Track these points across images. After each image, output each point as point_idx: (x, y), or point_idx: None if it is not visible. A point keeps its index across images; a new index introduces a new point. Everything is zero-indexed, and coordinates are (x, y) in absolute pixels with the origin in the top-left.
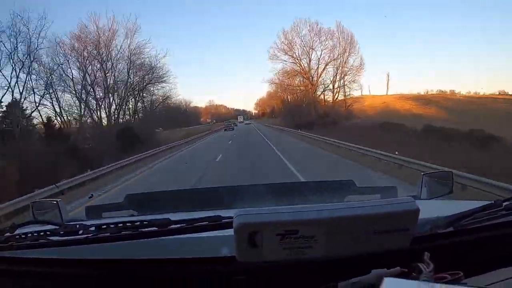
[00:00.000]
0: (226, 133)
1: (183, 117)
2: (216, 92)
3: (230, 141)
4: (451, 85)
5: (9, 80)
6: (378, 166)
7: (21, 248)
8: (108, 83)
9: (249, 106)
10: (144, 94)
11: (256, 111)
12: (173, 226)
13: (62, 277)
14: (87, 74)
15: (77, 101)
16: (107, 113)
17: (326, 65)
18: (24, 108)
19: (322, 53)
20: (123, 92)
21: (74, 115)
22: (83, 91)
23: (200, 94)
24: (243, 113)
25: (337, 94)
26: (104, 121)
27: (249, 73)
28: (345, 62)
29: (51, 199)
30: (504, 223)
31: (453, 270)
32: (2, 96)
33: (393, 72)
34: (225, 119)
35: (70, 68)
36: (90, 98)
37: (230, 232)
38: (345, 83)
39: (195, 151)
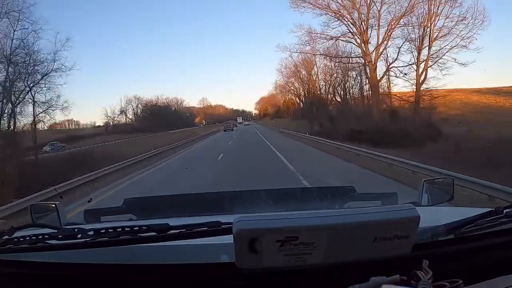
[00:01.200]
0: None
1: (173, 118)
2: (214, 92)
3: None
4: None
5: None
6: None
7: (19, 251)
8: None
9: (249, 106)
10: None
11: (257, 112)
12: (172, 231)
13: (60, 281)
14: None
15: None
16: None
17: (400, 19)
18: None
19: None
20: None
21: None
22: None
23: (196, 93)
24: (242, 114)
25: (422, 75)
26: None
27: (249, 71)
28: (432, 19)
29: (50, 202)
30: (504, 230)
31: (453, 277)
32: None
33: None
34: (222, 120)
35: None
36: None
37: (229, 238)
38: (431, 54)
39: None
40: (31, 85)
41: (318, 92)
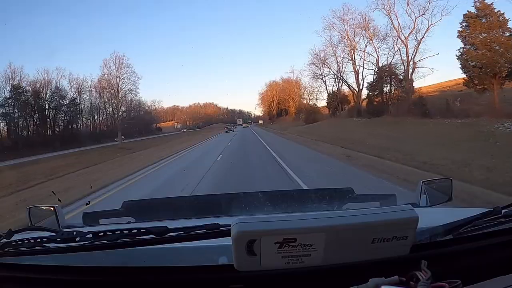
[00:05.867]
0: None
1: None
2: (210, 91)
3: None
4: None
5: None
6: None
7: (18, 255)
8: None
9: (248, 106)
10: None
11: (259, 112)
12: (170, 234)
13: (59, 284)
14: None
15: None
16: None
17: None
18: None
19: None
20: None
21: None
22: None
23: (186, 93)
24: (240, 114)
25: None
26: None
27: (248, 66)
28: None
29: (48, 205)
30: (503, 230)
31: (452, 278)
32: None
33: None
34: (213, 123)
35: None
36: None
37: (228, 240)
38: None
39: None
40: None
41: None
